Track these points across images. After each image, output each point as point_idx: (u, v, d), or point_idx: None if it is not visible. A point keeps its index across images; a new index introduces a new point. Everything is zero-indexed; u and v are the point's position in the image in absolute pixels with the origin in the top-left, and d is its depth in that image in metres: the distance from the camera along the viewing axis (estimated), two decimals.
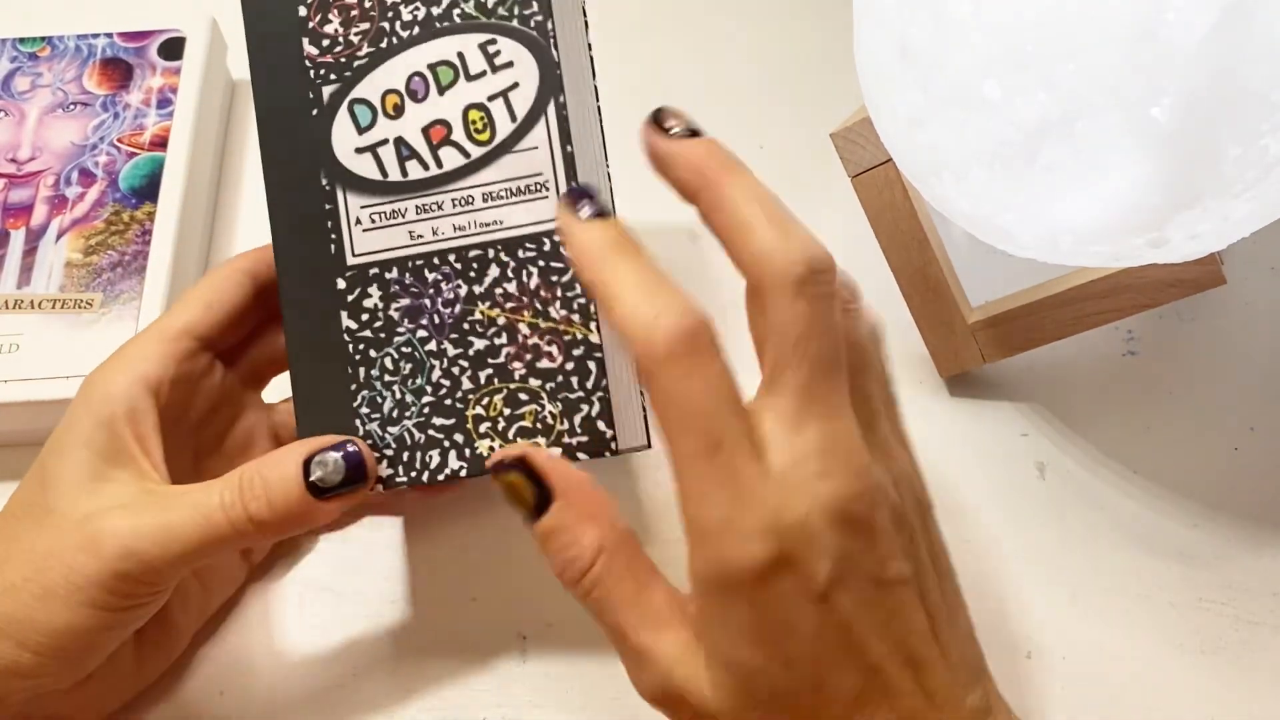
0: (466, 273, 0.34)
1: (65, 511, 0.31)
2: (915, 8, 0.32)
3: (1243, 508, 0.41)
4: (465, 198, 0.34)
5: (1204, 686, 0.38)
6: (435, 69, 0.34)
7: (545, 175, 0.34)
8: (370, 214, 0.34)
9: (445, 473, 0.34)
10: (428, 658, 0.38)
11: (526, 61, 0.34)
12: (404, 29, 0.34)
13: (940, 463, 0.43)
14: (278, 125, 0.34)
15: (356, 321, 0.34)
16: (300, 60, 0.34)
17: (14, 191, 0.45)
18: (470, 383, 0.34)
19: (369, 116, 0.34)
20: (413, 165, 0.34)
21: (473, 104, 0.34)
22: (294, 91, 0.34)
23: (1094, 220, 0.32)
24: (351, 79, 0.34)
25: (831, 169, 0.45)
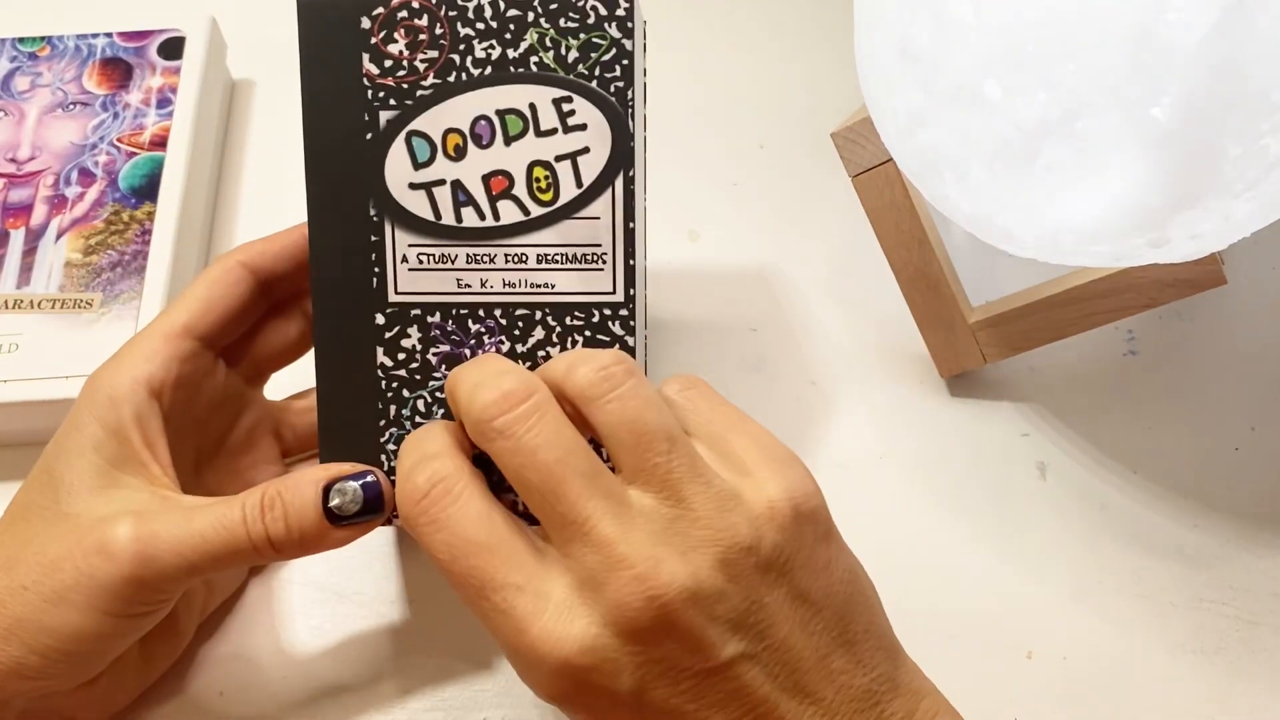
0: (511, 330, 0.33)
1: (78, 515, 0.31)
2: (916, 8, 0.32)
3: (1243, 508, 0.41)
4: (519, 255, 0.33)
5: (1204, 686, 0.38)
6: (504, 116, 0.32)
7: (604, 248, 0.33)
8: (418, 254, 0.33)
9: None
10: (428, 658, 0.38)
11: (600, 127, 0.32)
12: (475, 66, 0.32)
13: (940, 463, 0.43)
14: (328, 143, 0.33)
15: (392, 360, 0.33)
16: (358, 77, 0.32)
17: (14, 191, 0.45)
18: None
19: (427, 152, 0.33)
20: (468, 212, 0.33)
21: (539, 161, 0.33)
22: (349, 110, 0.32)
23: (1094, 220, 0.32)
24: (413, 109, 0.32)
25: (831, 169, 0.45)
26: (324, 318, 0.33)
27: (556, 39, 0.32)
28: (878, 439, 0.43)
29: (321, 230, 0.33)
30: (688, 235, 0.48)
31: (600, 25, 0.32)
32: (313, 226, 0.33)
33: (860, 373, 0.45)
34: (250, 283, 0.35)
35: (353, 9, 0.32)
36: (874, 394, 0.44)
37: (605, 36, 0.32)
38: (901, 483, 0.42)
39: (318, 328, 0.33)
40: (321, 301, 0.33)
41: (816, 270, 0.47)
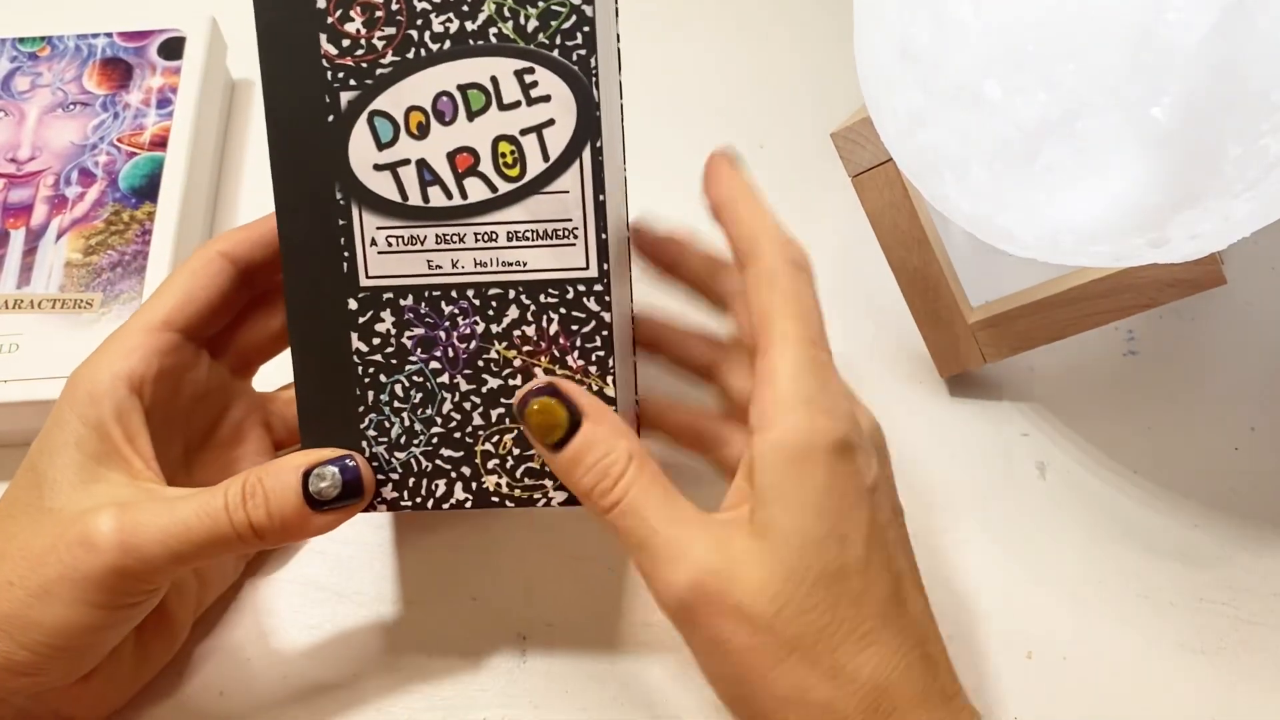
0: (485, 310, 0.33)
1: (60, 510, 0.31)
2: (916, 8, 0.32)
3: (1243, 508, 0.41)
4: (489, 233, 0.32)
5: (1204, 686, 0.38)
6: (465, 91, 0.32)
7: (575, 222, 0.32)
8: (386, 236, 0.33)
9: (450, 502, 0.34)
10: (427, 657, 0.38)
11: (565, 98, 0.32)
12: (434, 41, 0.32)
13: (940, 463, 0.43)
14: (290, 127, 0.32)
15: (367, 345, 0.33)
16: (317, 59, 0.32)
17: (14, 191, 0.45)
18: (481, 419, 0.33)
19: (390, 132, 0.32)
20: (435, 191, 0.32)
21: (503, 135, 0.32)
22: (309, 93, 0.32)
23: (1094, 220, 0.32)
24: (373, 88, 0.32)
25: (831, 169, 0.45)
26: (296, 305, 0.33)
27: (515, 8, 0.31)
28: None
29: (289, 217, 0.33)
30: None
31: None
32: (280, 213, 0.33)
33: (860, 373, 0.45)
34: (231, 272, 0.35)
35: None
36: (874, 394, 0.44)
37: (565, 4, 0.31)
38: (901, 482, 0.42)
39: (291, 315, 0.33)
40: (293, 289, 0.33)
41: (816, 270, 0.47)
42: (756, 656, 0.29)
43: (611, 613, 0.39)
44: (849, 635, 0.29)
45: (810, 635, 0.29)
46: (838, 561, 0.29)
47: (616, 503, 0.30)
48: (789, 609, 0.29)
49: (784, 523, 0.29)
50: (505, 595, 0.39)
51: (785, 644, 0.29)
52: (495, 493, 0.33)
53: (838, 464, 0.30)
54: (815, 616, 0.29)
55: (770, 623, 0.29)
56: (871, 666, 0.29)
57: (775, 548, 0.29)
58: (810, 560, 0.29)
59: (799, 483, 0.29)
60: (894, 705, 0.29)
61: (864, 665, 0.29)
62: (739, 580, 0.29)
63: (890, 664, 0.29)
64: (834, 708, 0.29)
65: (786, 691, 0.29)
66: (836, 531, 0.29)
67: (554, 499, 0.33)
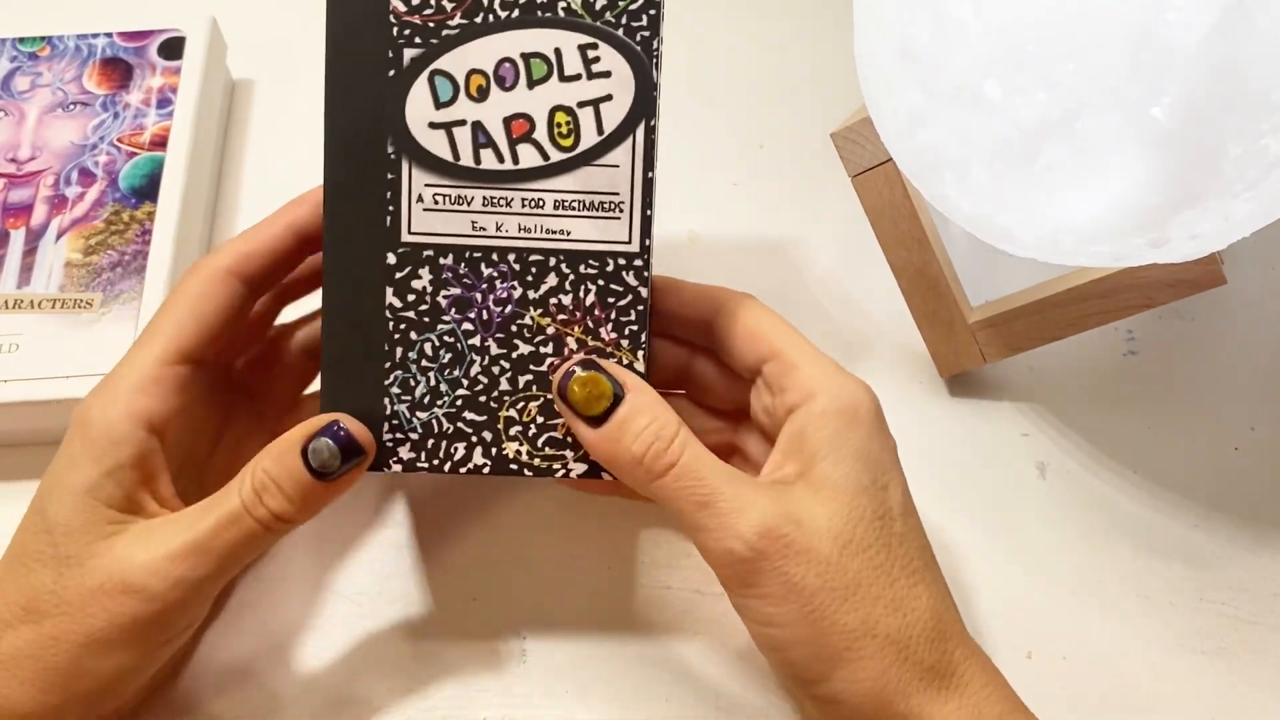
0: (524, 275, 0.33)
1: (82, 557, 0.31)
2: (915, 8, 0.32)
3: (1243, 508, 0.41)
4: (536, 200, 0.33)
5: (1204, 686, 0.38)
6: (529, 60, 0.32)
7: (622, 196, 0.33)
8: (434, 194, 0.33)
9: (468, 466, 0.34)
10: (428, 657, 0.38)
11: (624, 75, 0.32)
12: (503, 8, 0.32)
13: (940, 463, 0.43)
14: (349, 78, 0.32)
15: (401, 300, 0.33)
16: (385, 14, 0.32)
17: (14, 191, 0.45)
18: (509, 384, 0.33)
19: (450, 92, 0.32)
20: (487, 154, 0.33)
21: (561, 106, 0.33)
22: (373, 46, 0.32)
23: (1094, 220, 0.32)
24: (438, 48, 0.32)
25: (831, 169, 0.45)
26: (335, 255, 0.33)
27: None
28: None
29: (337, 166, 0.33)
30: (688, 235, 0.48)
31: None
32: (328, 162, 0.33)
33: (860, 373, 0.44)
34: (241, 292, 0.35)
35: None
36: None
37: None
38: None
39: (328, 265, 0.33)
40: (333, 239, 0.33)
41: (816, 270, 0.47)
42: (826, 595, 0.30)
43: (611, 612, 0.39)
44: (902, 571, 0.31)
45: (871, 571, 0.31)
46: (884, 506, 0.32)
47: (673, 463, 0.31)
48: (851, 548, 0.31)
49: (836, 474, 0.32)
50: (505, 595, 0.39)
51: (851, 581, 0.30)
52: (515, 459, 0.33)
53: (876, 424, 0.33)
54: (873, 554, 0.31)
55: (837, 561, 0.30)
56: (926, 599, 0.31)
57: (833, 495, 0.31)
58: (863, 504, 0.31)
59: (848, 439, 0.32)
60: (949, 633, 0.31)
61: (920, 596, 0.31)
62: (805, 525, 0.31)
63: (938, 598, 0.32)
64: (902, 635, 0.30)
65: (856, 625, 0.30)
66: (880, 481, 0.32)
67: (573, 470, 0.34)
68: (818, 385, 0.33)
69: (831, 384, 0.33)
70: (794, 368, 0.33)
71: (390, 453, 0.34)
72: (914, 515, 0.33)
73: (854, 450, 0.32)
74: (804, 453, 0.32)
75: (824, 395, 0.33)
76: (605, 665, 0.38)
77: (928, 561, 0.32)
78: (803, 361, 0.33)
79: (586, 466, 0.34)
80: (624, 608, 0.39)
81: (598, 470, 0.34)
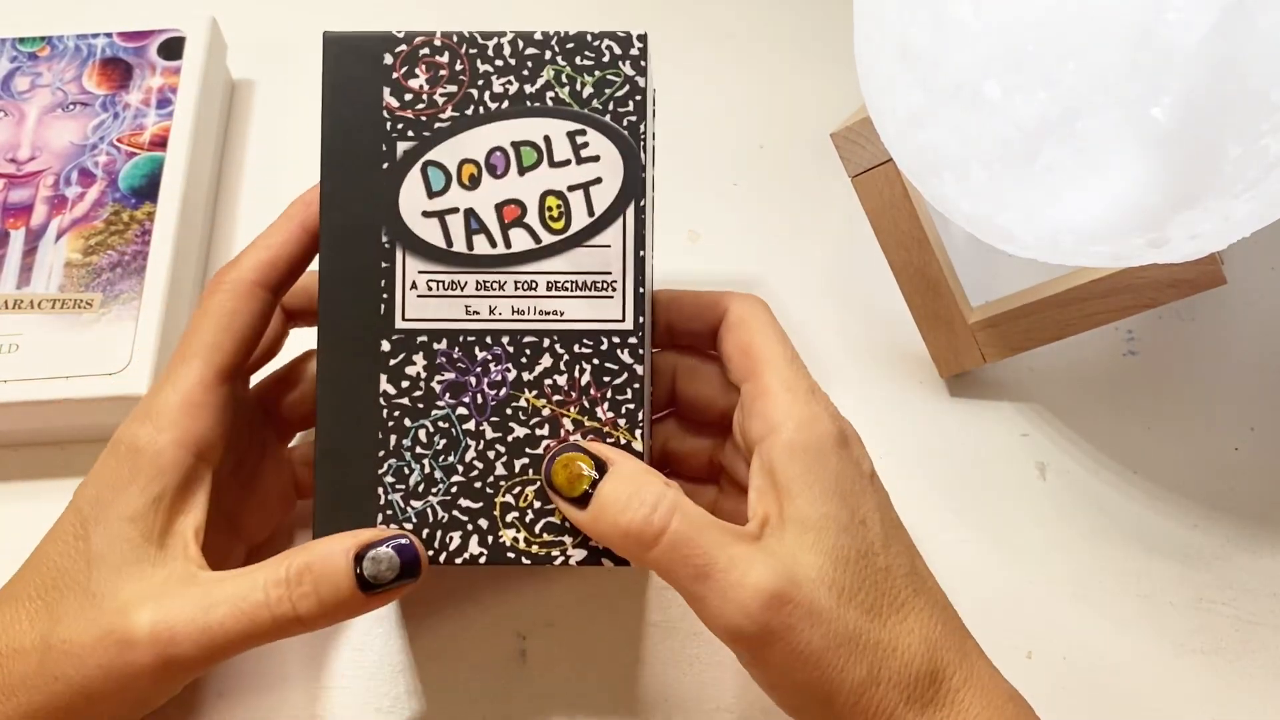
0: (518, 358, 0.33)
1: (104, 594, 0.31)
2: (915, 8, 0.32)
3: (1243, 508, 0.41)
4: (529, 282, 0.33)
5: (1204, 686, 0.38)
6: (519, 148, 0.33)
7: (614, 275, 0.33)
8: (427, 281, 0.33)
9: (464, 557, 0.33)
10: (428, 658, 0.38)
11: (613, 159, 0.33)
12: (493, 100, 0.33)
13: (940, 463, 0.43)
14: (344, 171, 0.33)
15: (395, 387, 0.33)
16: (378, 110, 0.33)
17: (14, 191, 0.45)
18: (504, 469, 0.33)
19: (442, 181, 0.33)
20: (480, 240, 0.33)
21: (552, 190, 0.33)
22: (367, 140, 0.33)
23: (1094, 220, 0.32)
24: (430, 140, 0.33)
25: (831, 169, 0.45)
26: (329, 343, 0.33)
27: (573, 75, 0.33)
28: (877, 439, 0.43)
29: (333, 257, 0.33)
30: (688, 235, 0.48)
31: (615, 63, 0.33)
32: (324, 253, 0.33)
33: (860, 373, 0.45)
34: (269, 301, 0.34)
35: (377, 45, 0.33)
36: (874, 394, 0.44)
37: (619, 74, 0.33)
38: (901, 483, 0.42)
39: (322, 353, 0.33)
40: (328, 327, 0.33)
41: (816, 270, 0.47)
42: (833, 654, 0.30)
43: (611, 613, 0.39)
44: (890, 607, 0.31)
45: (865, 616, 0.30)
46: (865, 542, 0.31)
47: (663, 531, 0.30)
48: (845, 594, 0.30)
49: (814, 515, 0.31)
50: (505, 595, 0.39)
51: (851, 633, 0.30)
52: (512, 548, 0.33)
53: (843, 453, 0.32)
54: (864, 596, 0.31)
55: (838, 614, 0.30)
56: (919, 632, 0.31)
57: (817, 539, 0.31)
58: (845, 544, 0.31)
59: (818, 474, 0.31)
60: (945, 662, 0.31)
61: (913, 631, 0.31)
62: (802, 582, 0.30)
63: (929, 628, 0.31)
64: (902, 677, 0.30)
65: (864, 676, 0.30)
66: (857, 516, 0.31)
67: (573, 557, 0.33)
68: (782, 415, 0.32)
69: (794, 414, 0.32)
70: (763, 394, 0.33)
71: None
72: (896, 539, 0.32)
73: (826, 486, 0.31)
74: (777, 490, 0.31)
75: (787, 426, 0.32)
76: (605, 666, 0.38)
77: (915, 587, 0.32)
78: (773, 387, 0.33)
79: (586, 553, 0.33)
80: (624, 608, 0.39)
81: (598, 556, 0.33)
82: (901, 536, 0.33)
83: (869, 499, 0.32)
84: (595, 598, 0.39)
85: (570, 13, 0.55)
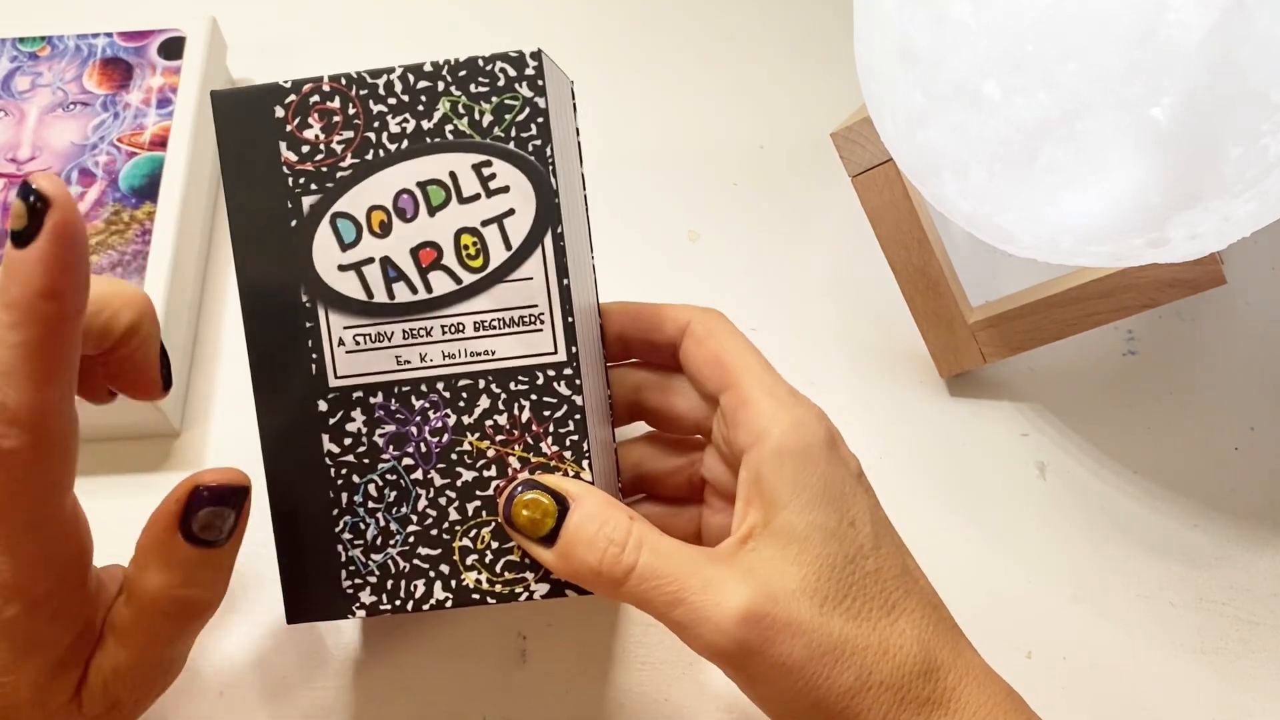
0: (455, 402, 0.33)
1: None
2: (915, 8, 0.32)
3: (1243, 508, 0.42)
4: (456, 325, 0.32)
5: (1204, 686, 0.38)
6: (425, 188, 0.32)
7: (541, 307, 0.32)
8: (354, 335, 0.33)
9: (430, 603, 0.33)
10: (428, 657, 0.38)
11: (523, 187, 0.32)
12: (391, 141, 0.32)
13: (940, 463, 0.43)
14: (254, 234, 0.32)
15: (339, 446, 0.33)
16: (278, 166, 0.32)
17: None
18: (458, 514, 0.33)
19: (353, 233, 0.32)
20: (400, 287, 0.32)
21: (465, 228, 0.32)
22: (271, 199, 0.32)
23: (1094, 220, 0.32)
24: (334, 191, 0.32)
25: (831, 169, 0.45)
26: (267, 409, 0.33)
27: (469, 105, 0.32)
28: (877, 439, 0.43)
29: (256, 322, 0.33)
30: (688, 235, 0.48)
31: (511, 86, 0.32)
32: (247, 319, 0.33)
33: (860, 372, 0.45)
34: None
35: (265, 98, 0.32)
36: (874, 394, 0.44)
37: (517, 97, 0.32)
38: (901, 483, 0.42)
39: (262, 420, 0.33)
40: (263, 392, 0.33)
41: (816, 270, 0.47)
42: (817, 664, 0.30)
43: (611, 613, 0.39)
44: (881, 610, 0.31)
45: (852, 623, 0.30)
46: (854, 545, 0.31)
47: (631, 567, 0.30)
48: (829, 603, 0.30)
49: (801, 522, 0.31)
50: None
51: (837, 641, 0.30)
52: (476, 589, 0.33)
53: (831, 456, 0.32)
54: (850, 602, 0.30)
55: (821, 624, 0.30)
56: (911, 631, 0.31)
57: (801, 549, 0.30)
58: (833, 550, 0.31)
59: (806, 480, 0.31)
60: (940, 660, 0.31)
61: (904, 632, 0.31)
62: (781, 596, 0.30)
63: (921, 627, 0.31)
64: (894, 679, 0.30)
65: (852, 682, 0.30)
66: (846, 519, 0.31)
67: (536, 591, 0.33)
68: (768, 422, 0.32)
69: (780, 419, 0.32)
70: (746, 402, 0.32)
71: (352, 599, 0.33)
72: (886, 540, 0.32)
73: (815, 492, 0.31)
74: (764, 500, 0.31)
75: (775, 433, 0.32)
76: (605, 666, 0.38)
77: (907, 588, 0.31)
78: (755, 394, 0.32)
79: (549, 586, 0.33)
80: (624, 608, 0.39)
81: (561, 588, 0.33)
82: (891, 536, 0.32)
83: (859, 500, 0.32)
84: (595, 598, 0.39)
85: (566, 20, 0.55)
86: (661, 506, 0.37)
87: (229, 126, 0.32)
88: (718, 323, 0.35)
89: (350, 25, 0.55)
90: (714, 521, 0.36)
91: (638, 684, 0.38)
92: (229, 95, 0.32)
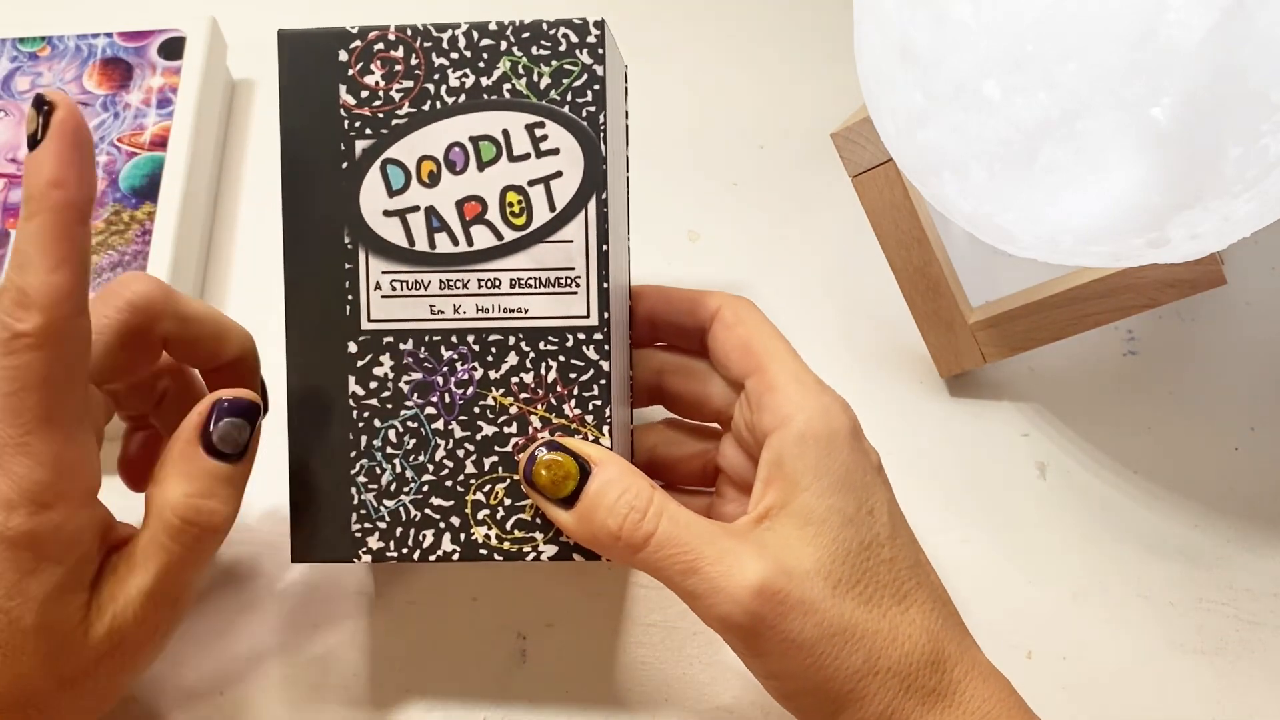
0: (484, 356, 0.33)
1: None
2: (915, 8, 0.32)
3: (1243, 508, 0.41)
4: (492, 280, 0.33)
5: (1204, 686, 0.38)
6: (477, 142, 0.33)
7: (578, 270, 0.33)
8: (391, 281, 0.33)
9: (437, 554, 0.33)
10: (428, 658, 0.38)
11: (573, 151, 0.33)
12: (449, 95, 0.33)
13: (940, 463, 0.43)
14: (304, 172, 0.33)
15: (364, 388, 0.33)
16: (335, 108, 0.33)
17: (14, 191, 0.45)
18: (474, 467, 0.33)
19: (401, 180, 0.33)
20: (442, 238, 0.33)
21: (512, 185, 0.33)
22: (325, 140, 0.33)
23: (1094, 220, 0.32)
24: (388, 137, 0.33)
25: (831, 169, 0.45)
26: (297, 346, 0.33)
27: (529, 66, 0.33)
28: (877, 439, 0.43)
29: (296, 259, 0.33)
30: (688, 235, 0.48)
31: (571, 52, 0.33)
32: (288, 256, 0.33)
33: (860, 373, 0.45)
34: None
35: (331, 41, 0.33)
36: (874, 394, 0.44)
37: (577, 63, 0.33)
38: (901, 483, 0.42)
39: (290, 357, 0.33)
40: (294, 330, 0.33)
41: (816, 270, 0.47)
42: (826, 644, 0.30)
43: (611, 613, 0.39)
44: (893, 598, 0.31)
45: (863, 608, 0.30)
46: (871, 533, 0.31)
47: (651, 534, 0.30)
48: (842, 586, 0.30)
49: (820, 505, 0.31)
50: (505, 595, 0.39)
51: (848, 623, 0.30)
52: (484, 544, 0.33)
53: (855, 445, 0.32)
54: (864, 588, 0.31)
55: (833, 605, 0.30)
56: (921, 620, 0.31)
57: (818, 531, 0.31)
58: (849, 536, 0.31)
59: (828, 466, 0.32)
60: (948, 653, 0.31)
61: (914, 621, 0.31)
62: (795, 573, 0.30)
63: (931, 618, 0.31)
64: (902, 667, 0.30)
65: (859, 665, 0.30)
66: (865, 507, 0.32)
67: (544, 553, 0.33)
68: (794, 407, 0.32)
69: (807, 405, 0.32)
70: (772, 388, 0.33)
71: (359, 543, 0.33)
72: (901, 531, 0.32)
73: (836, 478, 0.31)
74: (785, 481, 0.32)
75: (799, 419, 0.32)
76: (605, 666, 0.38)
77: (919, 580, 0.32)
78: (781, 380, 0.33)
79: (557, 548, 0.33)
80: (624, 608, 0.39)
81: (569, 552, 0.33)
82: (906, 530, 0.33)
83: (878, 491, 0.32)
84: (595, 598, 0.39)
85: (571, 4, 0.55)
86: (673, 493, 0.37)
87: (292, 66, 0.33)
88: (748, 309, 0.35)
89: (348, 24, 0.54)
90: (725, 511, 0.36)
91: (638, 684, 0.38)
92: (296, 35, 0.33)
